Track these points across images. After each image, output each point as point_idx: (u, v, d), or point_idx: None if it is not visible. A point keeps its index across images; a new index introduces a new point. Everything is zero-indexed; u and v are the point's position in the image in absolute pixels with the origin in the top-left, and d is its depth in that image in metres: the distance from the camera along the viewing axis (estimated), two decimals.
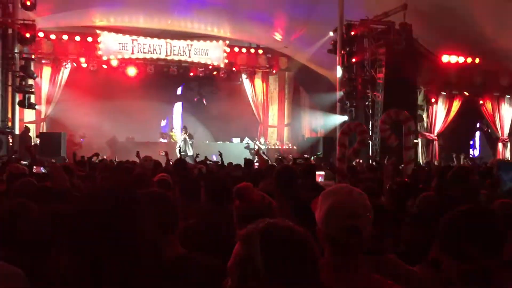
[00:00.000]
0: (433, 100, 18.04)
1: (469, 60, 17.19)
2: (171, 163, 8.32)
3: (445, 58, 17.11)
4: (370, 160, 14.60)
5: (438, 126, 18.27)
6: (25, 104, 15.38)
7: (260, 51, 22.33)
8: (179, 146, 18.53)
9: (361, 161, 13.05)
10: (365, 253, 1.80)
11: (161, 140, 20.73)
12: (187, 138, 18.95)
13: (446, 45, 16.72)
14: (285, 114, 24.02)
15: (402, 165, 8.04)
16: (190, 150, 18.57)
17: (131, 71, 20.33)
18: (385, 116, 7.34)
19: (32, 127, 18.00)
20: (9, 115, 15.48)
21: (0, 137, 14.03)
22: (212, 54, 21.12)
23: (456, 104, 18.46)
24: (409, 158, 6.74)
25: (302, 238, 1.28)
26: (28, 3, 14.08)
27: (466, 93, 18.43)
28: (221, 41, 21.21)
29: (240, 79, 22.65)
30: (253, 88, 22.94)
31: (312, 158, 16.17)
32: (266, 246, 1.24)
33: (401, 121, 7.21)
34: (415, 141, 13.96)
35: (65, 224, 1.49)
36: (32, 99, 15.79)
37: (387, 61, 16.07)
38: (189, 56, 20.81)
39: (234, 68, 21.74)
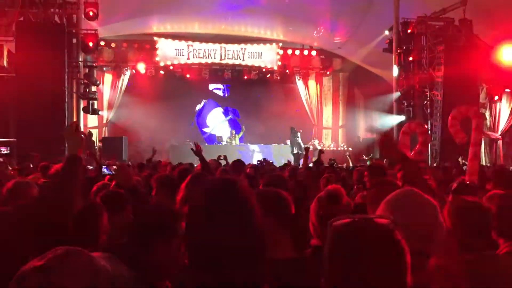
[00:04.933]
0: (496, 97, 17.25)
1: None
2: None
3: (508, 54, 16.34)
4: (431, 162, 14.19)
5: (502, 125, 17.46)
6: (89, 110, 16.09)
7: (314, 53, 22.21)
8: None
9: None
10: None
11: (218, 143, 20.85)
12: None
13: (508, 40, 15.99)
14: (340, 116, 23.77)
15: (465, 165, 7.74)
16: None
17: (188, 75, 20.82)
18: (455, 111, 7.03)
19: (95, 132, 18.82)
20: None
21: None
22: (266, 57, 21.26)
23: None
24: (474, 155, 6.39)
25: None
26: (91, 13, 14.70)
27: None
28: (274, 44, 21.32)
29: (294, 81, 22.66)
30: (307, 90, 22.88)
31: (367, 160, 15.91)
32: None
33: (470, 116, 6.89)
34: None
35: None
36: (96, 105, 16.49)
37: (446, 59, 15.56)
38: (243, 60, 21.06)
39: (287, 70, 21.78)
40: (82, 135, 2.65)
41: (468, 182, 4.70)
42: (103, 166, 8.26)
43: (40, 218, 2.25)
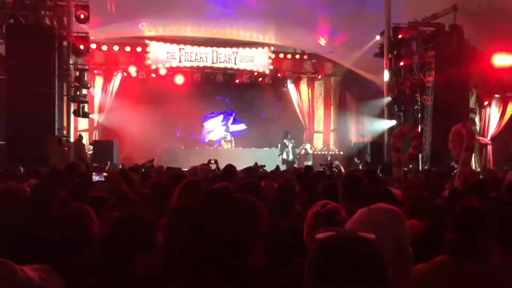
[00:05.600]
0: (486, 103, 17.40)
1: None
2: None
3: (498, 60, 16.50)
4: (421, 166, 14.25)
5: (492, 130, 17.62)
6: (80, 113, 16.01)
7: (305, 57, 22.30)
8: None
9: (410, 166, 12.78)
10: None
11: (210, 147, 20.80)
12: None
13: (498, 46, 16.15)
14: (331, 120, 23.84)
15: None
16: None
17: (179, 79, 20.77)
18: (455, 127, 7.10)
19: (85, 135, 18.69)
20: (65, 124, 16.14)
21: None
22: (257, 60, 21.29)
23: (510, 107, 17.74)
24: (462, 173, 6.52)
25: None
26: (82, 16, 14.63)
27: None
28: (266, 48, 21.35)
29: (286, 85, 22.70)
30: (299, 94, 22.95)
31: (360, 164, 15.94)
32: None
33: (461, 130, 7.00)
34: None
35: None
36: (86, 108, 16.41)
37: (437, 64, 15.66)
38: (235, 63, 21.07)
39: (279, 74, 21.82)
40: (65, 148, 2.63)
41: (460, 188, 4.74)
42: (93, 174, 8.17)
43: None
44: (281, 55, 21.90)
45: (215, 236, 1.41)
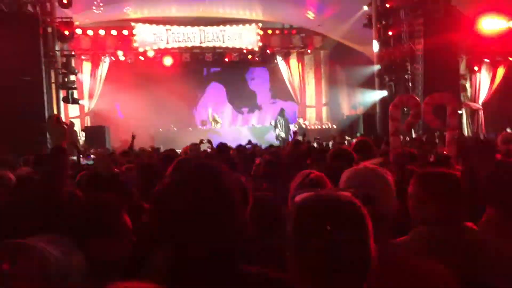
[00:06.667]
0: (476, 68, 17.39)
1: None
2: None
3: (486, 24, 16.41)
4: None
5: (483, 95, 17.65)
6: (69, 99, 15.87)
7: (294, 31, 22.11)
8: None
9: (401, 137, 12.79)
10: None
11: (203, 127, 20.67)
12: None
13: (486, 10, 16.05)
14: (323, 94, 23.77)
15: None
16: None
17: (168, 60, 20.58)
18: (429, 97, 7.13)
19: (77, 122, 18.57)
20: (55, 111, 16.01)
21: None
22: (246, 38, 21.09)
23: (500, 71, 17.74)
24: (452, 139, 6.57)
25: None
26: (65, 0, 14.39)
27: (511, 59, 17.65)
28: (253, 24, 21.14)
29: (275, 61, 22.55)
30: (289, 69, 22.82)
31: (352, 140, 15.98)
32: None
33: (445, 103, 7.03)
34: (459, 112, 13.53)
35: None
36: (75, 94, 16.26)
37: (425, 32, 15.56)
38: (223, 42, 20.88)
39: (268, 51, 21.65)
40: (65, 126, 2.58)
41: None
42: (82, 157, 8.10)
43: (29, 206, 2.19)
44: (269, 31, 21.71)
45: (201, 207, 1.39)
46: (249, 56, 21.62)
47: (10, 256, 1.34)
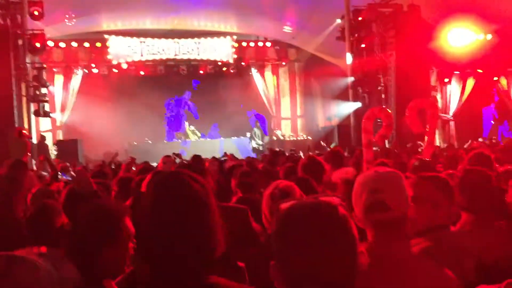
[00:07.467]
0: (446, 80, 17.80)
1: (481, 37, 16.90)
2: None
3: (455, 37, 16.86)
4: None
5: (453, 107, 18.05)
6: (41, 113, 15.57)
7: (268, 44, 22.28)
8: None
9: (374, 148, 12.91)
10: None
11: (178, 140, 20.54)
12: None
13: (456, 24, 16.49)
14: (298, 105, 23.94)
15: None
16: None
17: (142, 73, 20.45)
18: (412, 102, 7.25)
19: (49, 136, 18.23)
20: (25, 125, 15.68)
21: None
22: (221, 50, 21.15)
23: (470, 83, 18.20)
24: (430, 142, 6.71)
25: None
26: (36, 12, 14.18)
27: (480, 71, 18.14)
28: (228, 37, 21.22)
29: (250, 73, 22.64)
30: (264, 82, 22.94)
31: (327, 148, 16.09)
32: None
33: (425, 107, 7.16)
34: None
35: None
36: (47, 107, 15.97)
37: (397, 44, 15.89)
38: (198, 54, 20.88)
39: (243, 63, 21.74)
40: (28, 139, 2.56)
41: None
42: (59, 172, 7.96)
43: None
44: (244, 44, 21.81)
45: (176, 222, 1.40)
46: (224, 69, 21.67)
47: (2, 269, 1.32)
